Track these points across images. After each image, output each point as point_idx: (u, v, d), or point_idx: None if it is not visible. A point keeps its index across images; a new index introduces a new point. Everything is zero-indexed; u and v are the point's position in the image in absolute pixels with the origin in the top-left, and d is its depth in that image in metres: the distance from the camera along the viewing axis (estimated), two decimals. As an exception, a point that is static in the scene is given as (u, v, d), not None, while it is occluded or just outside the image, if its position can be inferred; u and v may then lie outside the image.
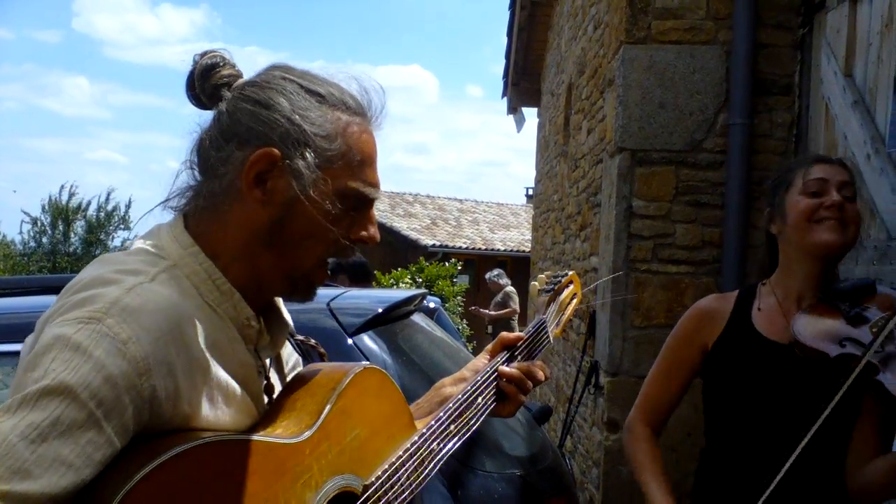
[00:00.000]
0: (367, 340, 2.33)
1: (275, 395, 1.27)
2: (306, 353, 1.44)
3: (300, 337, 1.44)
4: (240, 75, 1.21)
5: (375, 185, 1.23)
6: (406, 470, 1.24)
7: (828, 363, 1.79)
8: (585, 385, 4.69)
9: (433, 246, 22.10)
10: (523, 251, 21.30)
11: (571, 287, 1.81)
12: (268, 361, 1.27)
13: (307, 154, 1.15)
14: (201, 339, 1.09)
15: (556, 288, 1.75)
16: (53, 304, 1.06)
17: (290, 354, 1.40)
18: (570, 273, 1.83)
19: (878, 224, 2.99)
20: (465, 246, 23.07)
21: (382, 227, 23.76)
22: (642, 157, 3.94)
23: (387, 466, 1.21)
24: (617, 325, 3.96)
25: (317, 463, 1.10)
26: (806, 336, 1.83)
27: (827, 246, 1.92)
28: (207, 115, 1.21)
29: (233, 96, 1.18)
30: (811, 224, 1.92)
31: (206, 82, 1.18)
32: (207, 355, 1.10)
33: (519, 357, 1.54)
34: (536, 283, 1.74)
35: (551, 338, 1.65)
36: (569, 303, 1.78)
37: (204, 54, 1.20)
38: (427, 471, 1.27)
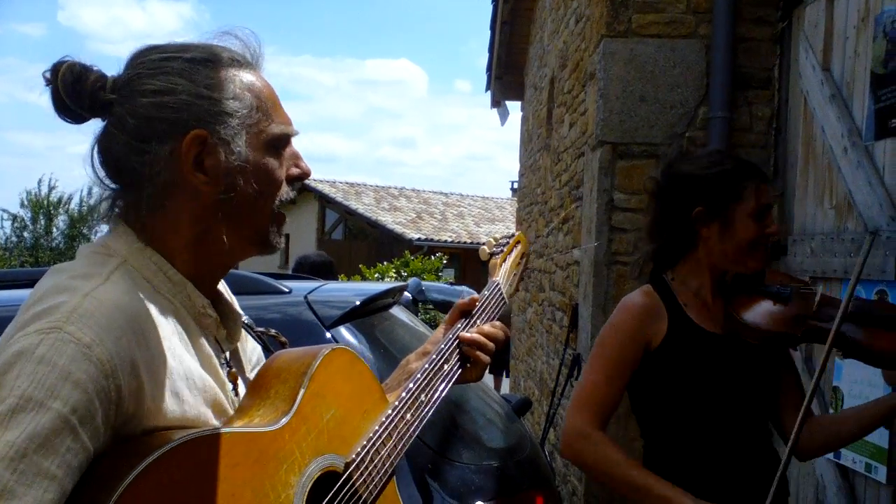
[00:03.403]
0: (345, 333, 2.33)
1: (240, 385, 1.28)
2: (267, 345, 1.45)
3: (260, 329, 1.45)
4: (105, 75, 1.17)
5: (289, 122, 1.26)
6: (384, 443, 1.27)
7: (790, 342, 2.04)
8: (568, 378, 4.71)
9: (418, 239, 22.11)
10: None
11: (520, 247, 1.81)
12: (228, 353, 1.28)
13: (229, 121, 1.16)
14: (160, 333, 1.10)
15: (505, 249, 1.76)
16: (13, 320, 1.05)
17: (252, 349, 1.40)
18: (517, 233, 1.84)
19: (855, 217, 3.01)
20: (450, 239, 23.09)
21: (367, 221, 23.77)
22: (623, 150, 3.95)
23: (365, 442, 1.24)
24: (599, 318, 3.97)
25: (298, 447, 1.13)
26: (765, 325, 2.00)
27: (755, 270, 2.08)
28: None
29: (122, 97, 1.15)
30: (751, 248, 2.04)
31: (78, 96, 1.15)
32: (167, 348, 1.10)
33: (478, 322, 1.56)
34: (485, 247, 1.75)
35: (506, 298, 1.67)
36: (519, 262, 1.79)
37: (55, 70, 1.14)
38: (404, 441, 1.31)
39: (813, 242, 3.29)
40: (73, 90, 1.14)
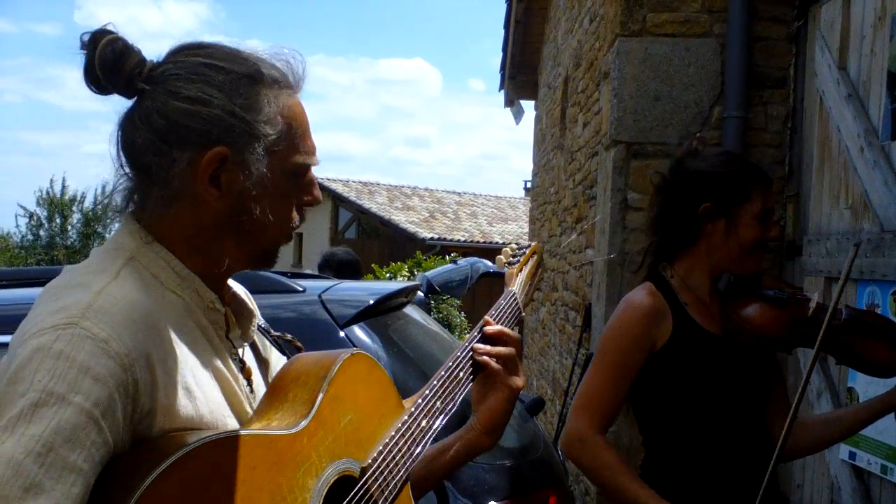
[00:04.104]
0: (359, 332, 2.34)
1: (255, 382, 1.29)
2: (283, 350, 1.45)
3: (276, 333, 1.45)
4: (145, 60, 1.14)
5: (314, 151, 1.24)
6: (399, 448, 1.27)
7: (783, 346, 2.09)
8: (581, 378, 4.69)
9: (431, 239, 22.11)
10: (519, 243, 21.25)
11: (535, 258, 1.81)
12: (242, 350, 1.28)
13: (255, 145, 1.14)
14: (170, 328, 1.10)
15: (521, 260, 1.75)
16: (27, 317, 1.06)
17: (277, 360, 1.41)
18: (534, 244, 1.83)
19: (871, 216, 2.99)
20: (463, 239, 23.07)
21: (380, 220, 23.79)
22: (637, 149, 3.94)
23: (381, 447, 1.24)
24: (611, 318, 3.95)
25: (315, 451, 1.13)
26: (762, 328, 2.04)
27: (752, 272, 2.12)
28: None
29: (156, 91, 1.13)
30: (752, 250, 2.08)
31: (115, 75, 1.11)
32: (178, 343, 1.10)
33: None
34: (502, 257, 1.74)
35: (522, 309, 1.64)
36: (534, 273, 1.78)
37: (95, 39, 1.10)
38: (419, 447, 1.30)
39: (828, 243, 3.27)
40: (112, 68, 1.11)
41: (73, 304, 1.02)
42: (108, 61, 1.10)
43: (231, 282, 1.29)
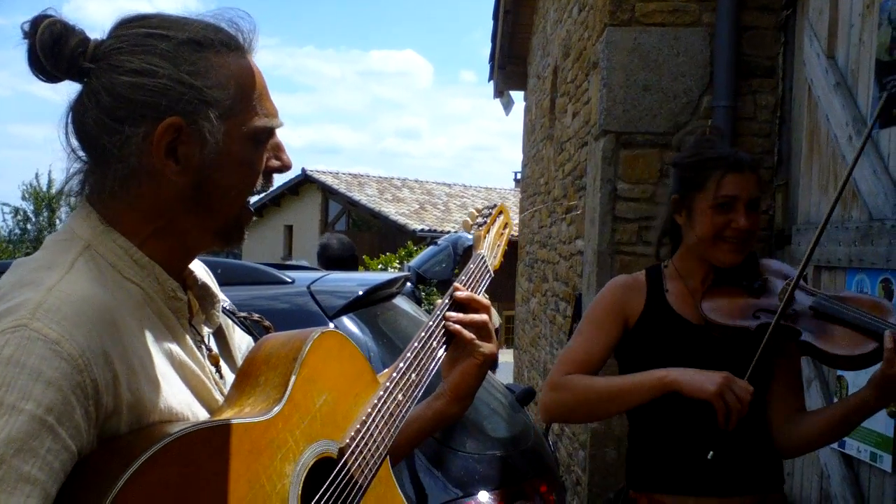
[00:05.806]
0: (348, 323, 2.33)
1: (223, 368, 1.26)
2: (251, 330, 1.41)
3: (243, 314, 1.40)
4: (87, 39, 1.09)
5: (275, 113, 1.19)
6: (377, 425, 1.25)
7: (749, 336, 1.95)
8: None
9: (421, 231, 22.11)
10: (512, 235, 21.30)
11: (502, 217, 1.79)
12: (208, 337, 1.25)
13: (209, 112, 1.10)
14: (130, 321, 1.06)
15: (488, 221, 1.73)
16: None
17: (241, 338, 1.38)
18: (499, 203, 1.81)
19: (859, 205, 3.00)
20: (453, 230, 23.04)
21: (370, 212, 23.77)
22: (627, 139, 3.94)
23: (358, 426, 1.22)
24: (601, 308, 3.96)
25: (291, 435, 1.11)
26: (721, 317, 1.98)
27: (726, 265, 2.04)
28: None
29: (100, 69, 1.08)
30: (716, 240, 2.02)
31: (56, 59, 1.07)
32: (139, 335, 1.07)
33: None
34: (468, 219, 1.72)
35: (491, 270, 1.62)
36: (502, 233, 1.76)
37: (36, 24, 1.07)
38: (397, 422, 1.28)
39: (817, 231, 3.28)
40: (51, 52, 1.07)
41: (22, 304, 0.97)
42: (47, 44, 1.07)
43: (193, 265, 1.24)
